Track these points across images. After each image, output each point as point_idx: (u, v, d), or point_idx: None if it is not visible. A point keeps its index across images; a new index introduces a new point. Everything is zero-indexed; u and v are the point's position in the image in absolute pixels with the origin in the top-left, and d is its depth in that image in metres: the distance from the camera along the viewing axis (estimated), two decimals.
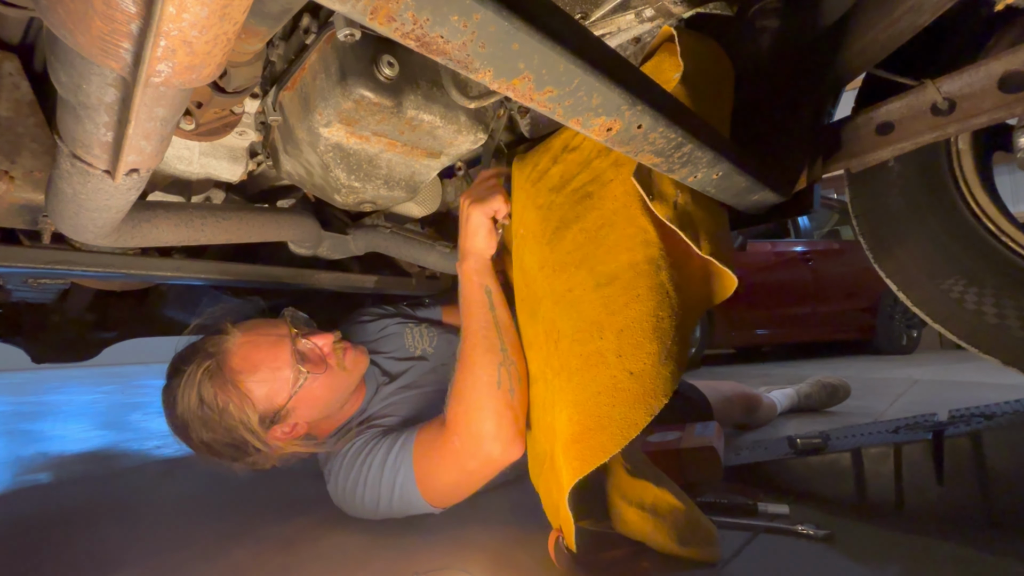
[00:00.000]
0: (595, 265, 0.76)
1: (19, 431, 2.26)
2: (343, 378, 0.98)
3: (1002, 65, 0.79)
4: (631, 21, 0.74)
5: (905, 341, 4.61)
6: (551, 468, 0.78)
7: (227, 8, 0.32)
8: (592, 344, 0.72)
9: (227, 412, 0.86)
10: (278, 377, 0.90)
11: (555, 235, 0.83)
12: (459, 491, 0.90)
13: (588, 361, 0.72)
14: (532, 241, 0.88)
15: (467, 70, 0.41)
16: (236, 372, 0.88)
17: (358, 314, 1.30)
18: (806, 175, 0.92)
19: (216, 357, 0.89)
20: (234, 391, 0.87)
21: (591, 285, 0.76)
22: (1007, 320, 0.95)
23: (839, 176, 1.06)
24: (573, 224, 0.81)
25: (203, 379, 0.87)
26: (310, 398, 0.93)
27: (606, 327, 0.72)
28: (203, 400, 0.86)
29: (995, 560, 0.78)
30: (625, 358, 0.69)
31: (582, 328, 0.74)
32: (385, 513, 0.91)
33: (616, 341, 0.70)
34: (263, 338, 0.93)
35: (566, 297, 0.78)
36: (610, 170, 0.79)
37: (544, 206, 0.87)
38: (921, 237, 1.04)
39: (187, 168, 0.91)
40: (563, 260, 0.81)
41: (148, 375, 5.01)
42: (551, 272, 0.82)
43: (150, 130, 0.45)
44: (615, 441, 0.66)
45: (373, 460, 0.90)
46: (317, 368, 0.93)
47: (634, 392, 0.68)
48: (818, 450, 1.07)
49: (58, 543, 1.00)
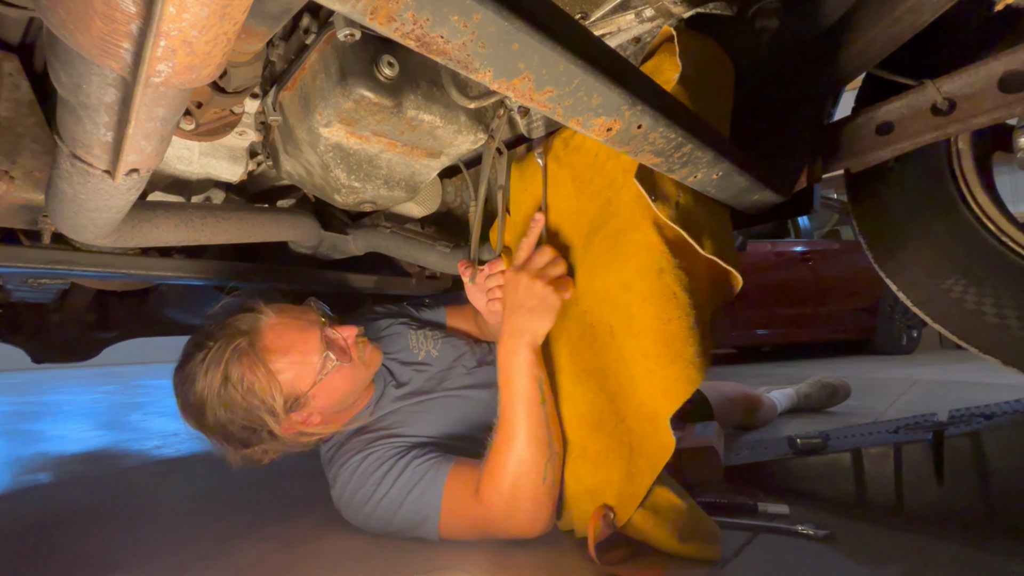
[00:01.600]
0: (619, 271, 0.80)
1: (19, 431, 2.26)
2: (362, 372, 0.98)
3: (1002, 65, 0.79)
4: (631, 21, 0.74)
5: (905, 341, 4.61)
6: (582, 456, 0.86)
7: (227, 8, 0.32)
8: (629, 343, 0.79)
9: (252, 392, 0.85)
10: (307, 361, 0.89)
11: (587, 239, 0.87)
12: (475, 538, 0.89)
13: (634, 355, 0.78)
14: (560, 242, 0.92)
15: (467, 70, 0.41)
16: (269, 351, 0.87)
17: (363, 311, 1.28)
18: (806, 175, 0.92)
19: (249, 335, 0.87)
20: (263, 370, 0.85)
21: (620, 288, 0.80)
22: (1007, 320, 0.95)
23: (839, 176, 1.06)
24: (600, 229, 0.85)
25: (232, 356, 0.85)
26: (331, 388, 0.92)
27: (633, 327, 0.77)
28: (228, 378, 0.84)
29: (995, 560, 0.78)
30: (649, 358, 0.75)
31: (623, 326, 0.80)
32: (391, 533, 0.90)
33: (638, 341, 0.76)
34: (296, 321, 0.92)
35: (607, 297, 0.82)
36: (621, 176, 0.82)
37: (568, 211, 0.92)
38: (921, 237, 1.03)
39: (187, 168, 0.91)
40: (595, 263, 0.85)
41: (148, 375, 5.01)
42: (587, 274, 0.87)
43: (150, 130, 0.45)
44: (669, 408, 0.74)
45: (395, 482, 0.88)
46: (343, 358, 0.92)
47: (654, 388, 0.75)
48: (818, 450, 1.07)
49: (58, 543, 1.00)
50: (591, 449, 0.85)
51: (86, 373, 5.41)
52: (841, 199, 4.77)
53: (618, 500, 0.81)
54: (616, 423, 0.83)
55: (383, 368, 1.10)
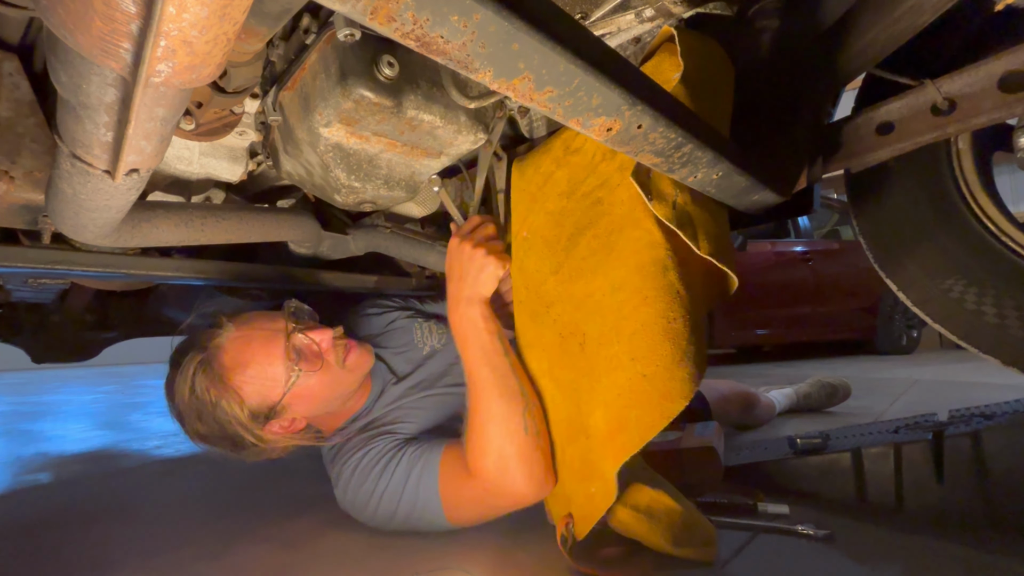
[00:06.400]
0: (608, 271, 0.77)
1: (19, 431, 2.26)
2: (343, 376, 0.96)
3: (1002, 65, 0.79)
4: (631, 21, 0.74)
5: (905, 341, 4.61)
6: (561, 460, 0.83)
7: (227, 8, 0.32)
8: (613, 348, 0.74)
9: (219, 407, 0.85)
10: (268, 375, 0.88)
11: (570, 241, 0.84)
12: (486, 519, 0.89)
13: (610, 364, 0.74)
14: (542, 245, 0.89)
15: (467, 70, 0.41)
16: (226, 368, 0.87)
17: (365, 305, 1.27)
18: (806, 175, 0.92)
19: (207, 351, 0.87)
20: (224, 387, 0.86)
21: (608, 290, 0.77)
22: (1007, 320, 0.95)
23: (839, 176, 1.06)
24: (587, 230, 0.82)
25: (196, 373, 0.85)
26: (307, 395, 0.91)
27: (621, 331, 0.73)
28: (196, 394, 0.85)
29: (995, 560, 0.78)
30: (638, 361, 0.70)
31: (605, 332, 0.76)
32: (399, 527, 0.90)
33: (629, 344, 0.72)
34: (257, 332, 0.91)
35: (587, 303, 0.80)
36: (616, 175, 0.80)
37: (556, 211, 0.88)
38: (921, 237, 1.03)
39: (187, 168, 0.91)
40: (580, 266, 0.82)
41: (148, 375, 5.01)
42: (567, 278, 0.83)
43: (150, 130, 0.45)
44: (633, 443, 0.68)
45: (392, 474, 0.88)
46: (312, 366, 0.91)
47: (648, 394, 0.69)
48: (818, 450, 1.07)
49: (58, 543, 1.00)
50: (565, 455, 0.84)
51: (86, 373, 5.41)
52: (841, 199, 4.77)
53: (579, 515, 0.79)
54: (583, 440, 0.80)
55: (383, 364, 1.10)
